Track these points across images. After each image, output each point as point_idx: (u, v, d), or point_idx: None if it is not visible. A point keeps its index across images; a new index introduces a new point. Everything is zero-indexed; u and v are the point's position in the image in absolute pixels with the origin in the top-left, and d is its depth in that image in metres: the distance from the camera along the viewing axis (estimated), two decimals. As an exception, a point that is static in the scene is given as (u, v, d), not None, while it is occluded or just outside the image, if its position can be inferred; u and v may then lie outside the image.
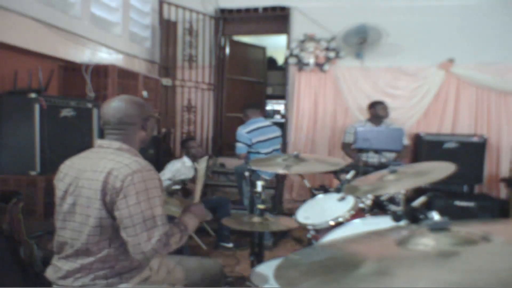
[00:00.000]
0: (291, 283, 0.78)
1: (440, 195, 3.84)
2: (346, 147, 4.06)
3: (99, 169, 1.36)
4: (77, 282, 1.38)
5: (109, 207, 1.35)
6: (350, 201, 1.95)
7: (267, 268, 1.80)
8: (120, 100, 1.51)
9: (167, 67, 4.86)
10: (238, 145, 3.84)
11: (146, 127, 1.53)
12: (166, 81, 4.73)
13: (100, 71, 3.37)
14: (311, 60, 4.63)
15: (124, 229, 1.33)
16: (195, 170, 3.61)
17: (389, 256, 0.81)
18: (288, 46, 4.84)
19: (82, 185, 1.39)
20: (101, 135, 1.54)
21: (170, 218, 1.71)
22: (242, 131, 3.84)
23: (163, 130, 4.68)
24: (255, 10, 4.98)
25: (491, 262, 0.71)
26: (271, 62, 7.08)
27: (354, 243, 0.96)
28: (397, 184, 1.62)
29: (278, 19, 4.99)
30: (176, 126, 5.04)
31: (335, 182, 2.88)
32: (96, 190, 1.34)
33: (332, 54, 4.57)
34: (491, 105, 4.34)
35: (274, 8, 4.92)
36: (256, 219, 1.95)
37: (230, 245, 3.61)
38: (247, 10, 5.02)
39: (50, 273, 1.45)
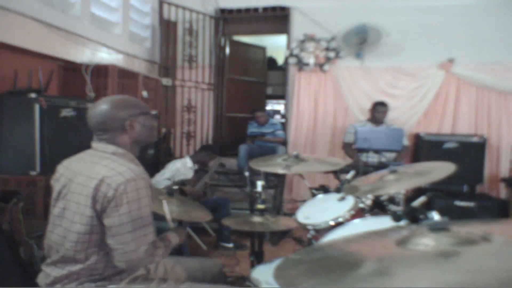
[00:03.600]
0: (291, 283, 0.78)
1: (440, 195, 3.83)
2: (347, 147, 4.06)
3: (92, 175, 1.33)
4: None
5: (99, 214, 1.32)
6: (350, 201, 1.95)
7: (267, 269, 1.80)
8: (102, 104, 1.43)
9: (167, 67, 4.86)
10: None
11: (134, 126, 1.43)
12: (166, 81, 4.73)
13: (100, 71, 3.37)
14: (311, 60, 4.63)
15: (113, 237, 1.31)
16: (194, 171, 3.62)
17: (389, 256, 0.81)
18: (288, 46, 4.84)
19: (73, 189, 1.36)
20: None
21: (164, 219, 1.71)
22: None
23: (163, 130, 4.68)
24: (255, 10, 4.98)
25: (491, 262, 0.71)
26: (271, 62, 7.09)
27: (354, 243, 0.96)
28: (397, 184, 1.63)
29: (278, 19, 4.99)
30: (176, 126, 5.04)
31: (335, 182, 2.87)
32: (87, 196, 1.31)
33: (332, 54, 4.57)
34: (491, 105, 4.35)
35: (274, 8, 4.92)
36: (256, 219, 1.95)
37: (230, 245, 3.61)
38: (247, 10, 5.02)
39: (40, 279, 1.44)
